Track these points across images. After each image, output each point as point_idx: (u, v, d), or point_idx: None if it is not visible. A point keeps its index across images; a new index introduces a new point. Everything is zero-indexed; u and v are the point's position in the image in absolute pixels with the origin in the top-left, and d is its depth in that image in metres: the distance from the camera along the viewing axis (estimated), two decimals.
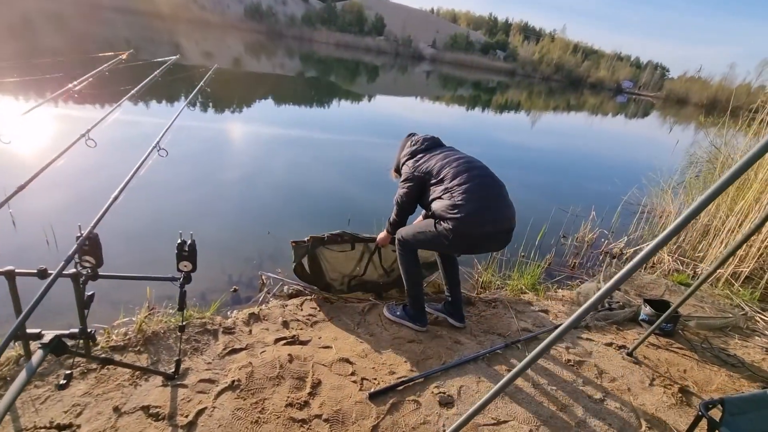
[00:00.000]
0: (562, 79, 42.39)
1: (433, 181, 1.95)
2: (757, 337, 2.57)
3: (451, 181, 1.88)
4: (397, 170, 2.22)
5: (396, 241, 2.12)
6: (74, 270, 1.12)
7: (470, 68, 38.83)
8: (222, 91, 9.43)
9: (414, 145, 2.11)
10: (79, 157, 3.96)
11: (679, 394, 1.95)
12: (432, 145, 2.11)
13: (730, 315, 2.71)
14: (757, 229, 1.79)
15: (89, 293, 1.19)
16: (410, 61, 37.03)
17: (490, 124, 11.95)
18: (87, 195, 3.29)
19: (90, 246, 1.10)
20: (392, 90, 17.59)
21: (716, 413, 1.40)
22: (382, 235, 2.27)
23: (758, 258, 3.35)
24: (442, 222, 1.88)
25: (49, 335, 1.12)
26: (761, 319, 2.78)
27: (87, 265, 1.12)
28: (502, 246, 2.02)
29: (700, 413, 1.40)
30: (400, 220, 2.13)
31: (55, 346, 1.11)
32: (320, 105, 10.62)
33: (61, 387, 1.11)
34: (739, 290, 3.09)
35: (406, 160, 2.09)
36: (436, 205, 1.91)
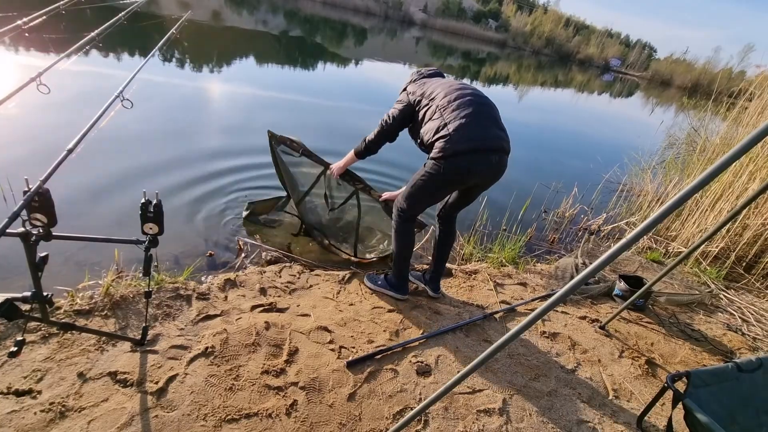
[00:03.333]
0: (552, 54, 41.73)
1: (424, 103, 1.87)
2: (719, 314, 2.70)
3: (441, 100, 1.80)
4: None
5: (394, 211, 2.00)
6: (23, 229, 1.01)
7: (461, 36, 37.61)
8: (199, 46, 8.84)
9: (417, 74, 2.08)
10: (37, 105, 3.64)
11: (646, 366, 2.03)
12: (434, 74, 2.08)
13: (697, 292, 2.82)
14: (734, 216, 1.82)
15: (42, 254, 1.09)
16: (400, 25, 35.52)
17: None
18: (45, 148, 3.05)
19: (40, 203, 0.98)
20: (380, 55, 16.94)
21: (681, 386, 1.46)
22: (345, 159, 2.25)
23: (726, 238, 3.48)
24: (431, 151, 1.80)
25: None
26: (725, 296, 2.91)
27: (37, 223, 1.01)
28: (495, 172, 1.83)
29: (666, 385, 1.45)
30: (377, 141, 2.03)
31: (6, 310, 1.02)
32: (305, 67, 10.14)
33: (12, 354, 1.03)
34: (707, 269, 3.21)
35: (405, 87, 2.05)
36: (425, 129, 1.84)
